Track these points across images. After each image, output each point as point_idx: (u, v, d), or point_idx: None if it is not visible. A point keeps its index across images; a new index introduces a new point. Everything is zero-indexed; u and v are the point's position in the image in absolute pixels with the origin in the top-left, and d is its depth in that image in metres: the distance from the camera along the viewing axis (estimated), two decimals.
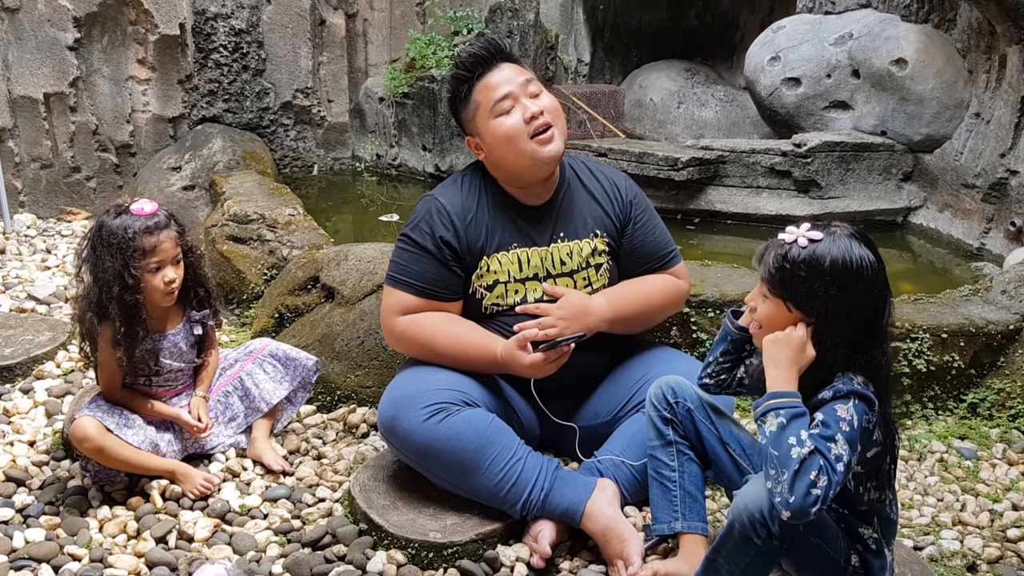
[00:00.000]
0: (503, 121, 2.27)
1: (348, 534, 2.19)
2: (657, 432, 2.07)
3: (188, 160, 5.03)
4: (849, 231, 1.69)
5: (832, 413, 1.61)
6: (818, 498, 1.52)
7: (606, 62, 6.39)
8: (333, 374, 2.86)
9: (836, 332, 1.66)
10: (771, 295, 1.73)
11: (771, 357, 1.69)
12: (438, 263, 2.30)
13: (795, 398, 1.63)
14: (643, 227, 2.45)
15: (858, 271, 1.64)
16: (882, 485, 1.75)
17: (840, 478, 1.55)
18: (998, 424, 2.80)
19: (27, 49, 4.82)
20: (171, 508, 2.33)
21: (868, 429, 1.64)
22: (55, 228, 4.84)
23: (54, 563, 2.10)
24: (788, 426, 1.59)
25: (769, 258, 1.72)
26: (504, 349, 2.24)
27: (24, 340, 3.23)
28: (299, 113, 5.71)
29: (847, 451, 1.57)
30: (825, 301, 1.65)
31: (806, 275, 1.66)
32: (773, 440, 1.59)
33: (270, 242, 3.63)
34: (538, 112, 2.27)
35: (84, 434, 2.28)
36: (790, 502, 1.53)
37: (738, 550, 1.69)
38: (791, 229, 1.71)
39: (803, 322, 1.69)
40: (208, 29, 5.26)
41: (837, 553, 1.72)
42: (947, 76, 4.42)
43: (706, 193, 4.73)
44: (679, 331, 2.85)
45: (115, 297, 2.29)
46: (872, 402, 1.63)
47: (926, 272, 4.15)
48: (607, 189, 2.45)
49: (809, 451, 1.55)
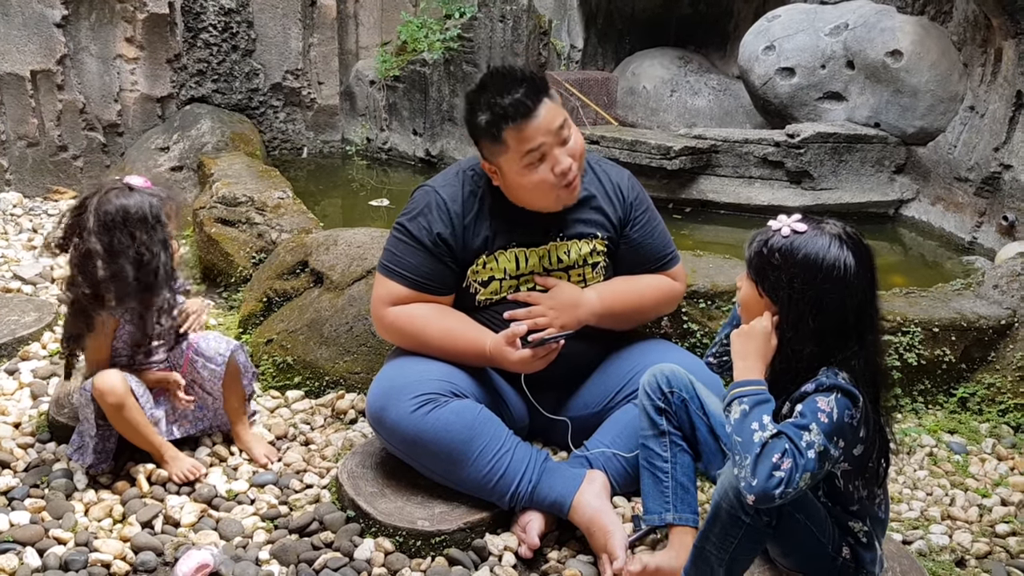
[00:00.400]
0: (532, 175, 2.20)
1: (335, 521, 2.18)
2: (650, 422, 2.07)
3: (176, 141, 4.98)
4: (837, 231, 1.68)
5: (812, 404, 1.62)
6: (782, 480, 1.52)
7: (599, 48, 6.36)
8: (321, 359, 2.84)
9: (798, 326, 1.67)
10: (748, 278, 1.75)
11: (737, 349, 1.73)
12: (433, 258, 2.28)
13: (759, 386, 1.65)
14: (643, 228, 2.43)
15: (827, 270, 1.64)
16: (871, 483, 1.74)
17: (811, 464, 1.54)
18: (988, 419, 2.80)
19: (14, 26, 4.75)
20: (157, 492, 2.31)
21: (852, 425, 1.63)
22: (41, 207, 4.79)
23: (39, 546, 2.08)
24: (751, 412, 1.60)
25: (755, 241, 1.74)
26: (493, 344, 2.22)
27: (10, 320, 3.19)
28: (289, 95, 5.66)
29: (822, 440, 1.57)
30: (789, 292, 1.67)
31: (778, 264, 1.68)
32: (737, 426, 1.61)
33: (259, 225, 3.60)
34: (568, 168, 2.20)
35: (110, 386, 2.27)
36: (753, 485, 1.54)
37: (726, 532, 1.70)
38: (782, 217, 1.72)
39: (770, 311, 1.71)
40: (197, 8, 5.20)
41: (825, 538, 1.72)
42: (942, 69, 4.41)
43: (698, 182, 4.72)
44: (670, 322, 2.84)
45: (162, 266, 2.29)
46: (856, 398, 1.63)
47: (917, 265, 4.16)
48: (609, 190, 2.42)
49: (772, 434, 1.56)
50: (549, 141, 2.18)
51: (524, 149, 2.17)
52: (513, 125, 2.15)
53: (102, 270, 2.23)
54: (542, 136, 2.17)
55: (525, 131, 2.16)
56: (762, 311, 1.73)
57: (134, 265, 2.26)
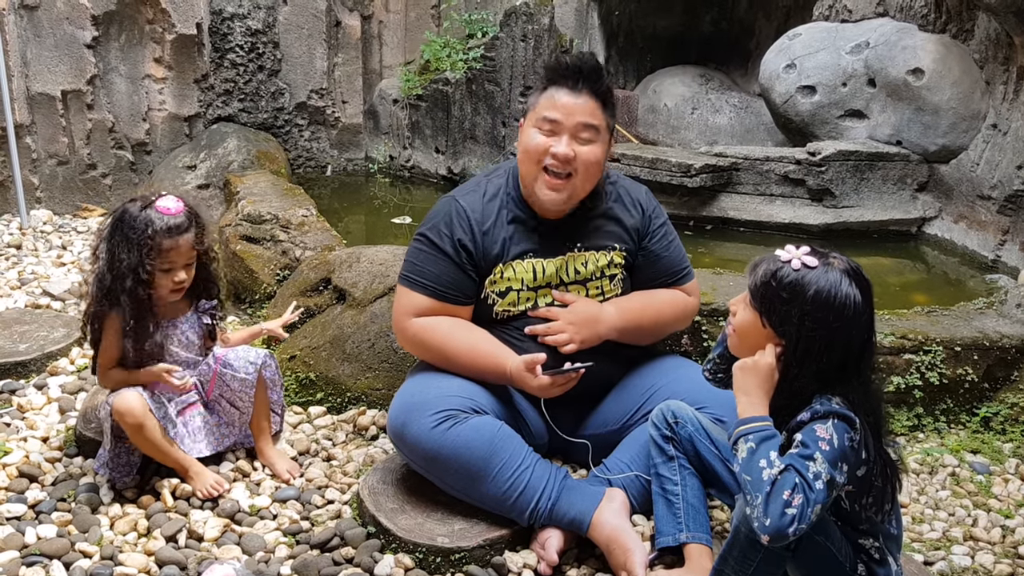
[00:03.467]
0: (533, 135, 2.26)
1: (356, 536, 2.20)
2: (659, 450, 2.13)
3: (203, 159, 5.05)
4: (845, 266, 1.68)
5: (811, 433, 1.61)
6: (794, 517, 1.52)
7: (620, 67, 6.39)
8: (343, 376, 2.87)
9: (804, 361, 1.66)
10: (751, 306, 1.74)
11: (739, 384, 1.71)
12: (455, 266, 2.30)
13: (765, 422, 1.64)
14: (659, 242, 2.45)
15: (839, 308, 1.64)
16: (879, 501, 1.74)
17: (820, 496, 1.54)
18: (1011, 439, 2.78)
19: (45, 47, 4.85)
20: (181, 507, 2.34)
21: (853, 448, 1.63)
22: (71, 224, 4.87)
23: (65, 560, 2.11)
24: (758, 450, 1.60)
25: (760, 270, 1.72)
26: (514, 367, 2.23)
27: (39, 336, 3.25)
28: (313, 114, 5.73)
29: (827, 469, 1.56)
30: (799, 329, 1.65)
31: (787, 297, 1.67)
32: (745, 465, 1.60)
33: (283, 242, 3.64)
34: (563, 157, 2.22)
35: (128, 407, 2.30)
36: (766, 525, 1.53)
37: (745, 555, 1.70)
38: (789, 248, 1.72)
39: (773, 343, 1.70)
40: (225, 29, 5.28)
41: (843, 557, 1.72)
42: (964, 87, 4.40)
43: (719, 200, 4.72)
44: (690, 340, 2.85)
45: (127, 290, 2.31)
46: (852, 420, 1.63)
47: (940, 283, 4.13)
48: (628, 203, 2.44)
49: (780, 470, 1.55)
50: (565, 124, 2.23)
51: (543, 113, 2.25)
52: (557, 87, 2.26)
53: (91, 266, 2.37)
54: (563, 113, 2.24)
55: (557, 97, 2.25)
56: (761, 341, 1.72)
57: (109, 272, 2.33)
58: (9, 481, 2.42)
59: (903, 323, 2.90)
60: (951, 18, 4.53)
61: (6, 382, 2.99)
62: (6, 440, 2.61)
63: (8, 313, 3.50)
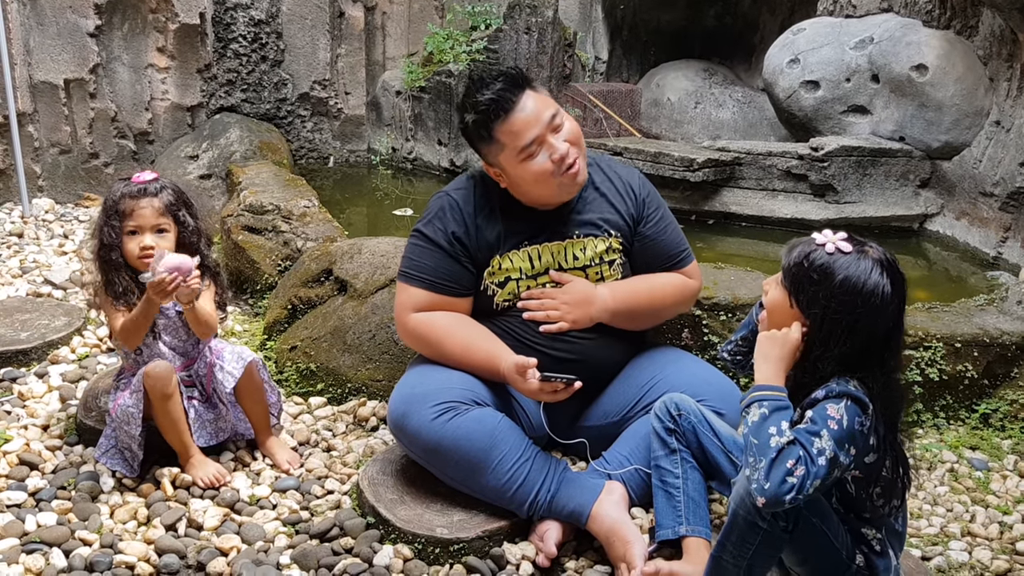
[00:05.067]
0: (531, 166, 2.24)
1: (356, 527, 2.20)
2: (661, 442, 2.13)
3: (205, 149, 5.05)
4: (879, 256, 1.69)
5: (822, 411, 1.63)
6: (793, 486, 1.55)
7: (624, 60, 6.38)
8: (344, 367, 2.87)
9: (827, 344, 1.68)
10: (782, 285, 1.76)
11: (763, 351, 1.74)
12: (450, 258, 2.31)
13: (780, 391, 1.67)
14: (656, 225, 2.45)
15: (866, 296, 1.65)
16: (888, 494, 1.75)
17: (821, 471, 1.57)
18: (1010, 435, 2.78)
19: (48, 35, 4.85)
20: (181, 496, 2.34)
21: (863, 432, 1.65)
22: (72, 213, 4.87)
23: (65, 547, 2.12)
24: (770, 417, 1.63)
25: (795, 252, 1.75)
26: (507, 368, 2.22)
27: (40, 324, 3.26)
28: (316, 105, 5.73)
29: (832, 447, 1.59)
30: (824, 311, 1.67)
31: (817, 279, 1.69)
32: (754, 429, 1.63)
33: (285, 233, 3.64)
34: (565, 153, 2.24)
35: (160, 375, 2.33)
36: (765, 488, 1.56)
37: (743, 539, 1.72)
38: (827, 233, 1.74)
39: (800, 322, 1.72)
40: (228, 19, 5.28)
41: (839, 544, 1.73)
42: (968, 83, 4.39)
43: (721, 195, 4.72)
44: (690, 333, 2.85)
45: (98, 254, 2.42)
46: (866, 405, 1.64)
47: (941, 280, 4.13)
48: (620, 189, 2.45)
49: (788, 440, 1.58)
50: (541, 131, 2.22)
51: (518, 144, 2.22)
52: (500, 120, 2.22)
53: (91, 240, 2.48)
54: (533, 127, 2.22)
55: (514, 124, 2.21)
56: (789, 320, 1.74)
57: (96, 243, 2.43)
58: (9, 469, 2.42)
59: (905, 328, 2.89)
60: (955, 14, 4.52)
61: (7, 370, 2.99)
62: (7, 428, 2.62)
63: (9, 301, 3.51)
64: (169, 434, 2.40)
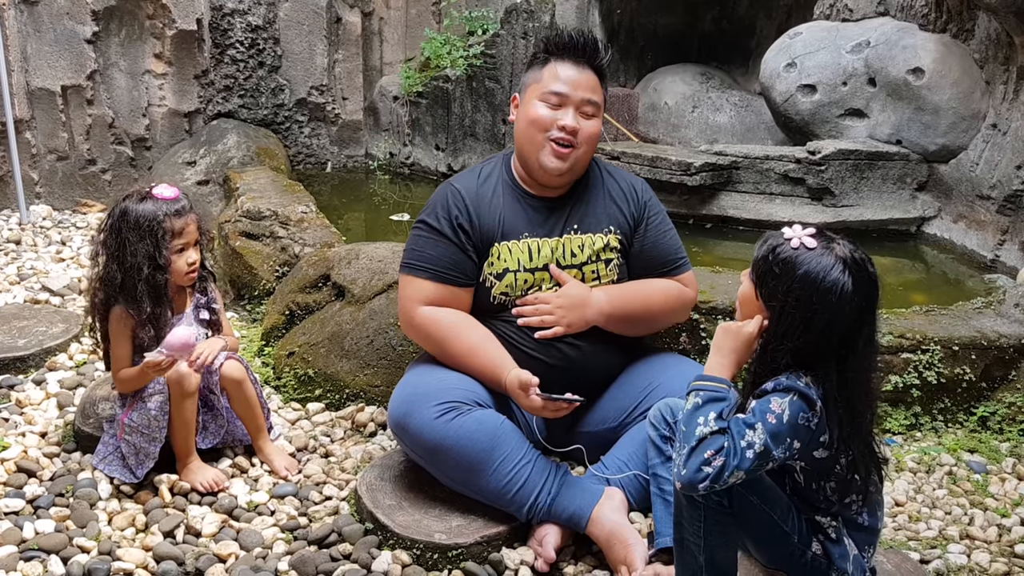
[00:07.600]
0: (539, 107, 2.31)
1: (354, 533, 2.20)
2: (658, 450, 2.14)
3: (203, 155, 5.05)
4: (845, 254, 1.68)
5: (765, 404, 1.66)
6: (708, 475, 1.60)
7: (621, 65, 6.38)
8: (342, 372, 2.87)
9: (783, 337, 1.69)
10: (749, 277, 1.79)
11: (716, 342, 1.78)
12: (454, 246, 2.32)
13: (720, 383, 1.71)
14: (655, 229, 2.46)
15: (823, 292, 1.65)
16: (843, 490, 1.76)
17: (745, 463, 1.60)
18: (1008, 438, 2.79)
19: (45, 41, 4.85)
20: (179, 503, 2.34)
21: (808, 428, 1.65)
22: (70, 220, 4.87)
23: (63, 555, 2.12)
24: (702, 407, 1.67)
25: (765, 244, 1.77)
26: (509, 382, 2.23)
27: (38, 331, 3.26)
28: (314, 110, 5.73)
29: (764, 440, 1.61)
30: (783, 304, 1.68)
31: (778, 273, 1.71)
32: (685, 417, 1.67)
33: (282, 239, 3.64)
34: (571, 130, 2.28)
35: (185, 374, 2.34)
36: (682, 474, 1.62)
37: (691, 515, 1.75)
38: (796, 228, 1.75)
39: (762, 315, 1.75)
40: (225, 25, 5.28)
41: (791, 529, 1.75)
42: (964, 86, 4.40)
43: (719, 199, 4.72)
44: (688, 337, 2.85)
45: (144, 278, 2.35)
46: (812, 401, 1.65)
47: (939, 283, 4.13)
48: (624, 189, 2.47)
49: (712, 431, 1.62)
50: (571, 96, 2.29)
51: (549, 85, 2.30)
52: (560, 59, 2.30)
53: (100, 266, 2.40)
54: (570, 87, 2.29)
55: (563, 71, 2.30)
56: (756, 312, 1.77)
57: (120, 269, 2.37)
58: (7, 476, 2.42)
59: (901, 322, 2.90)
60: (951, 18, 4.52)
61: (4, 377, 2.99)
62: (4, 435, 2.62)
63: (7, 308, 3.50)
64: (178, 435, 2.41)
